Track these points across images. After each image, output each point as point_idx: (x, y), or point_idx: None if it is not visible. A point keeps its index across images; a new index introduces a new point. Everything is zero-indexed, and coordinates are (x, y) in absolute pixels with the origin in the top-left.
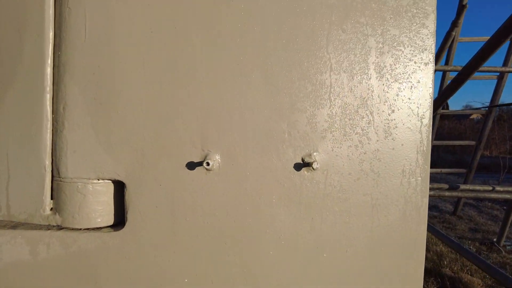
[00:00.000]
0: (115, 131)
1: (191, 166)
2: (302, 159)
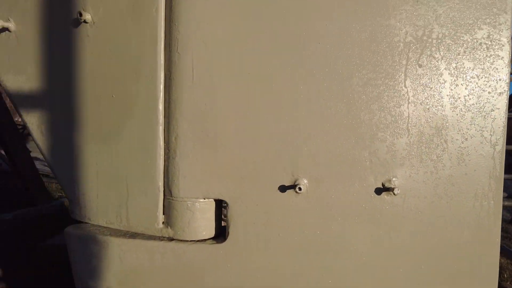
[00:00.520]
0: (219, 158)
1: (282, 189)
2: (383, 184)
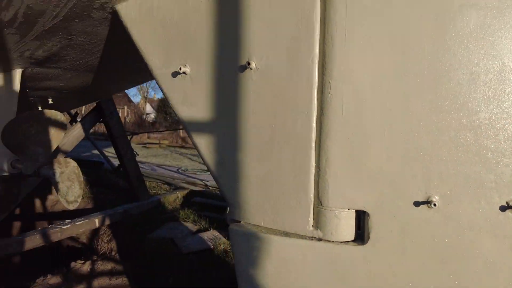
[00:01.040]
0: (363, 177)
1: (417, 204)
2: (507, 203)
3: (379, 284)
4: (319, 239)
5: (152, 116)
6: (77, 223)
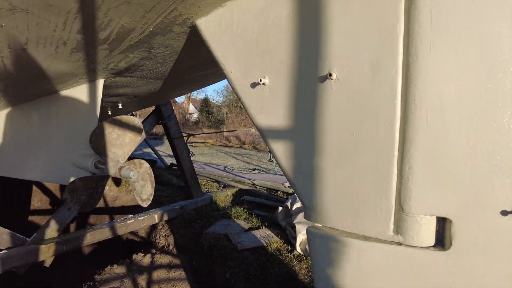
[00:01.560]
0: (446, 185)
1: (504, 213)
2: None
3: None
4: (399, 244)
5: (195, 115)
6: (139, 218)
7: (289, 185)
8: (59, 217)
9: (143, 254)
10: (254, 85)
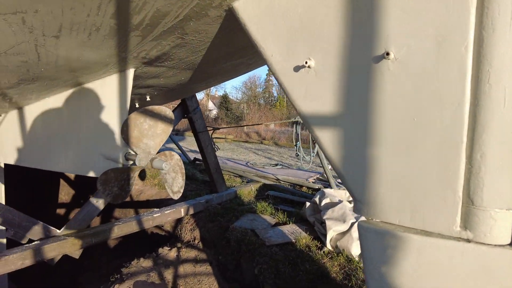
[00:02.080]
0: None
1: None
2: None
3: None
4: (468, 241)
5: (214, 112)
6: (165, 212)
7: (313, 180)
8: (88, 210)
9: (169, 248)
10: (297, 68)
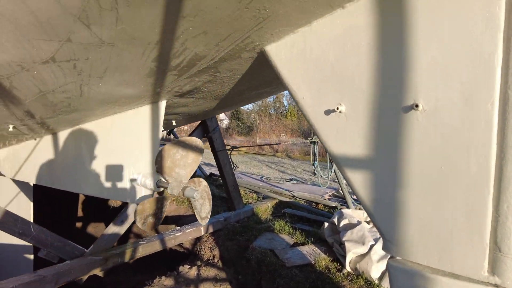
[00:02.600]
0: None
1: None
2: None
3: None
4: (496, 286)
5: (226, 122)
6: (186, 231)
7: (329, 197)
8: (113, 230)
9: (189, 266)
10: (328, 112)
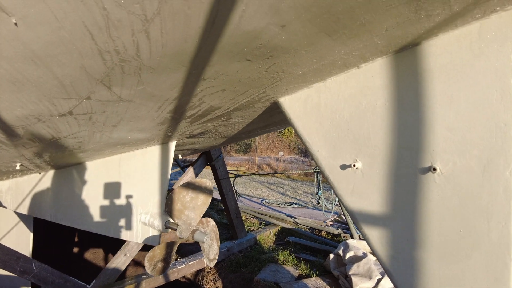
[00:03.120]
0: None
1: None
2: None
3: None
4: None
5: None
6: (189, 264)
7: (331, 222)
8: (116, 264)
9: None
10: (344, 167)
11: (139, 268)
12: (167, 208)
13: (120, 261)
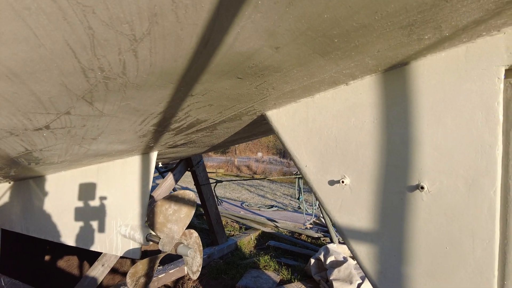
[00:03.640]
0: None
1: None
2: None
3: None
4: None
5: None
6: (170, 272)
7: (311, 225)
8: (92, 277)
9: None
10: (332, 182)
11: (116, 275)
12: (149, 221)
13: (97, 271)
